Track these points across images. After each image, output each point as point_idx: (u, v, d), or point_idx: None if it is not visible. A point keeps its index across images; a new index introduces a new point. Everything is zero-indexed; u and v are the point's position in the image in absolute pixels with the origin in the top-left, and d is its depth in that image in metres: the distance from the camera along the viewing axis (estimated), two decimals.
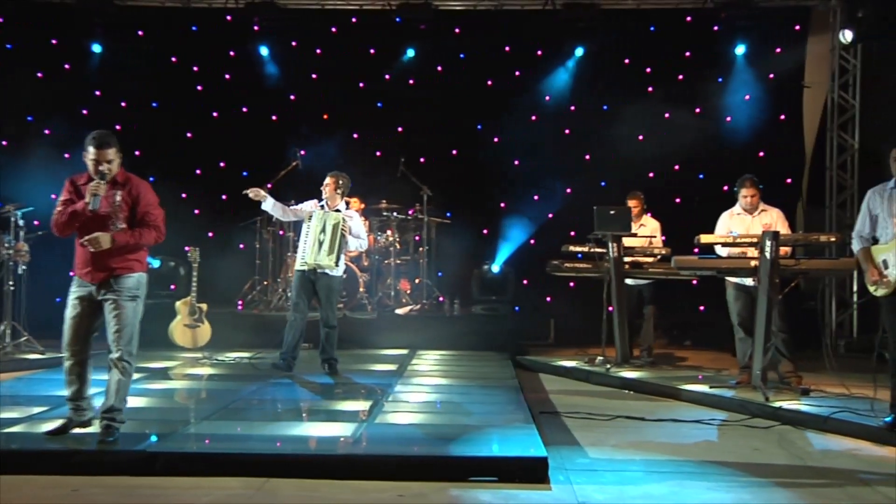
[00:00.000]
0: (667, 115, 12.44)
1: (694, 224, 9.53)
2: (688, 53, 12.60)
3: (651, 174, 12.42)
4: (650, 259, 9.31)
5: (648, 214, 9.94)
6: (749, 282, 7.96)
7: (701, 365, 9.89)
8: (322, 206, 8.46)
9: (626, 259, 9.21)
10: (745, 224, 8.19)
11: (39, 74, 12.56)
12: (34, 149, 12.00)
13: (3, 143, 12.24)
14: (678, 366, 9.94)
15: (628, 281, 9.36)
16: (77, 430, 5.52)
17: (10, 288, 9.44)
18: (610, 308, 9.19)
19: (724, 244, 8.06)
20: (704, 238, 7.92)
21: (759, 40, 12.24)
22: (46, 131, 12.44)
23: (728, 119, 12.48)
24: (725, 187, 11.90)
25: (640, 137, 12.52)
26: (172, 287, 11.42)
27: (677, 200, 12.49)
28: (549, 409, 7.29)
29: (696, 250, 8.62)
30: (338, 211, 8.42)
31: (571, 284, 11.35)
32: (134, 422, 5.77)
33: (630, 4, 12.35)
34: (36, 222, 9.96)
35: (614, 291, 9.08)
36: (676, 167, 12.55)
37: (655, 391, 8.18)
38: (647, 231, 9.64)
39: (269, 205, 8.33)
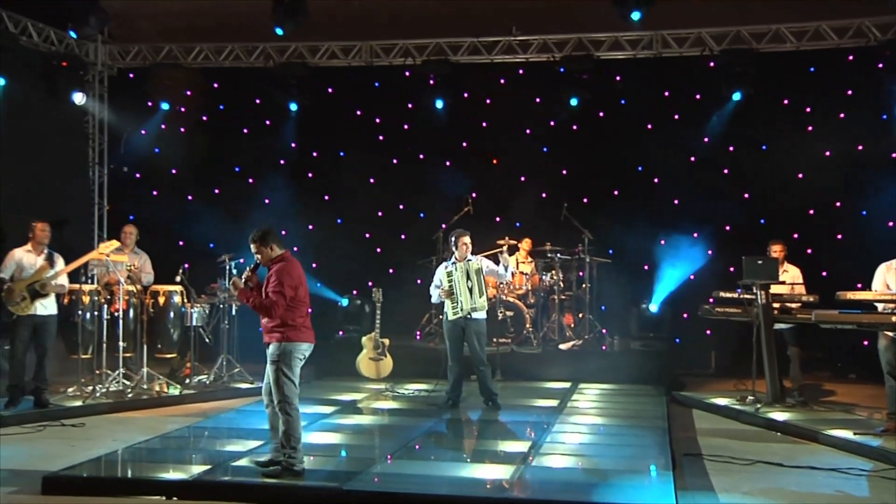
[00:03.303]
0: (827, 153, 12.65)
1: (855, 261, 10.06)
2: (849, 92, 12.61)
3: (811, 211, 12.67)
4: (796, 305, 9.73)
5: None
6: None
7: (857, 403, 10.09)
8: (453, 263, 9.40)
9: (774, 305, 9.67)
10: None
11: (245, 130, 14.36)
12: (241, 196, 13.76)
13: (216, 191, 14.02)
14: (832, 404, 10.19)
15: None
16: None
17: (225, 326, 11.03)
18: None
19: (874, 300, 8.34)
20: (843, 296, 8.28)
21: None
22: (250, 180, 14.17)
23: (893, 155, 12.40)
24: (891, 223, 12.15)
25: (800, 175, 12.76)
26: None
27: (839, 237, 12.64)
28: (693, 451, 7.92)
29: (859, 285, 9.00)
30: (469, 261, 9.37)
31: None
32: (331, 458, 6.99)
33: (789, 47, 12.53)
34: (241, 260, 11.42)
35: (763, 336, 9.57)
36: (838, 204, 12.67)
37: (801, 434, 8.57)
38: (788, 277, 10.00)
39: (435, 296, 9.57)
